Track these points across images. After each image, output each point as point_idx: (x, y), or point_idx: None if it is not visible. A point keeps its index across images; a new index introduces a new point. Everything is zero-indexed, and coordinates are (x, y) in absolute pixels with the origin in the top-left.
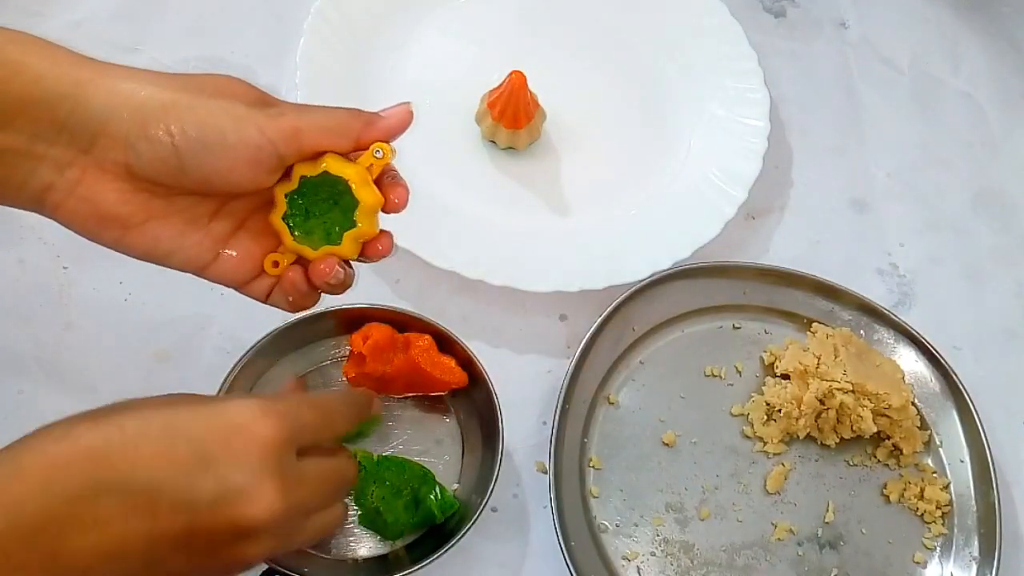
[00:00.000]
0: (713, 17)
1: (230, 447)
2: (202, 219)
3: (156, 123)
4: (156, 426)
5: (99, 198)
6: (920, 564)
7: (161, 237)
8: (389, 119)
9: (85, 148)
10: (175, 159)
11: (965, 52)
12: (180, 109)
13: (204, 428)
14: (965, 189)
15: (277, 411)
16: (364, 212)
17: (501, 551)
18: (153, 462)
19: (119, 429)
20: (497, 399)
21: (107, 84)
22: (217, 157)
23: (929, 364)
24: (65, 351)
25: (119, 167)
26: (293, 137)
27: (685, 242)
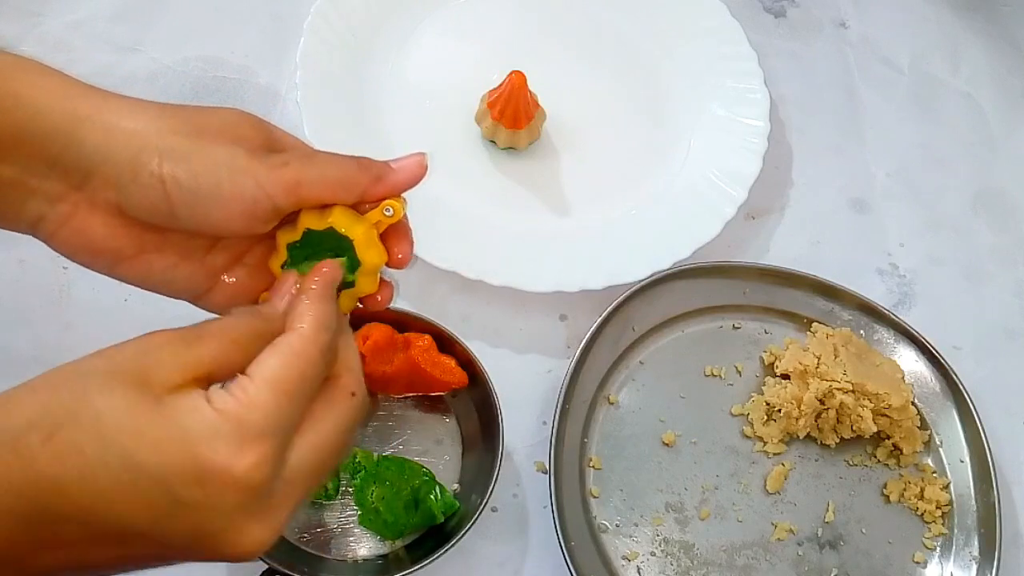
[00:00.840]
0: (713, 17)
1: (204, 489)
2: (197, 252)
3: (148, 170)
4: (116, 457)
5: (90, 232)
6: (920, 564)
7: (154, 268)
8: (400, 173)
9: (77, 185)
10: (166, 206)
11: (965, 52)
12: (175, 156)
13: (170, 468)
14: (965, 189)
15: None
16: (365, 272)
17: (501, 551)
18: (117, 501)
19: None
20: (497, 399)
21: (104, 122)
22: (209, 208)
23: (929, 364)
24: (65, 352)
25: (110, 206)
26: (293, 191)
27: (685, 242)
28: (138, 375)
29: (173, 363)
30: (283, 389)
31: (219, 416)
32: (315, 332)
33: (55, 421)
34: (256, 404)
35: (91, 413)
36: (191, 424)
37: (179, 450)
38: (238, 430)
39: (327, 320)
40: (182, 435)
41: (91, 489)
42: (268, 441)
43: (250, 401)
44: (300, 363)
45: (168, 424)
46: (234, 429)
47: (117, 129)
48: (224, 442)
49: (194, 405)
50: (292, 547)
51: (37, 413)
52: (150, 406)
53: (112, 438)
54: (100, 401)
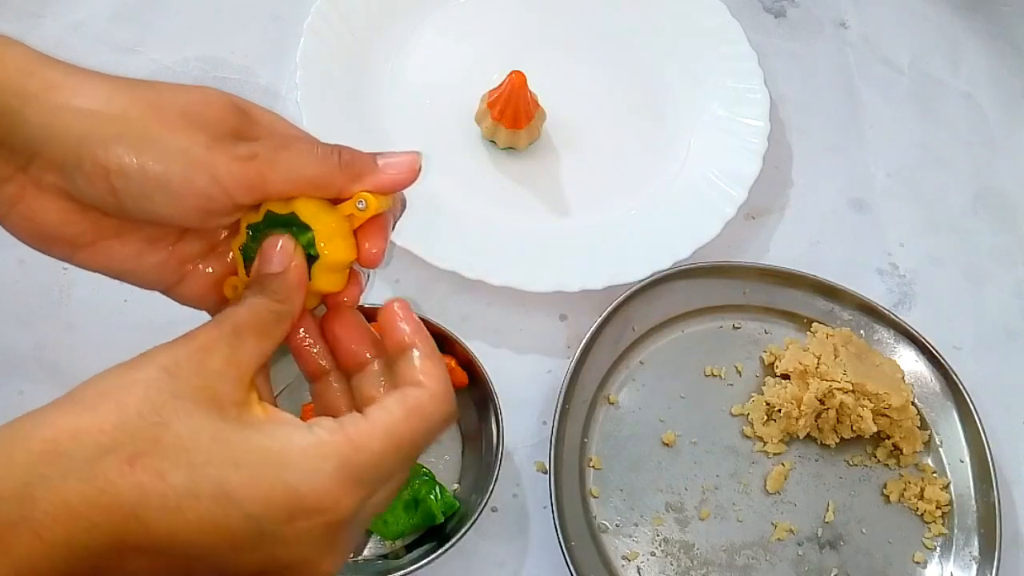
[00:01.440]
0: (713, 17)
1: (294, 526)
2: (165, 239)
3: (94, 158)
4: (207, 488)
5: (40, 217)
6: (920, 564)
7: (116, 257)
8: (385, 173)
9: (22, 166)
10: (113, 198)
11: (965, 52)
12: (124, 143)
13: (265, 501)
14: (965, 189)
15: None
16: (324, 268)
17: (501, 551)
18: (198, 531)
19: (160, 479)
20: (497, 399)
21: (52, 102)
22: (158, 203)
23: (929, 364)
24: (66, 352)
25: (58, 190)
26: (256, 187)
27: (685, 242)
28: (207, 392)
29: (233, 374)
30: (398, 446)
31: (324, 447)
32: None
33: (134, 447)
34: (366, 446)
35: (173, 440)
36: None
37: (277, 482)
38: (343, 470)
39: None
40: (282, 465)
41: (174, 521)
42: (369, 486)
43: (361, 442)
44: (422, 426)
45: (265, 453)
46: (338, 467)
47: (65, 109)
48: (324, 480)
49: (295, 433)
50: None
51: (111, 438)
52: (237, 431)
53: (203, 468)
54: (181, 426)
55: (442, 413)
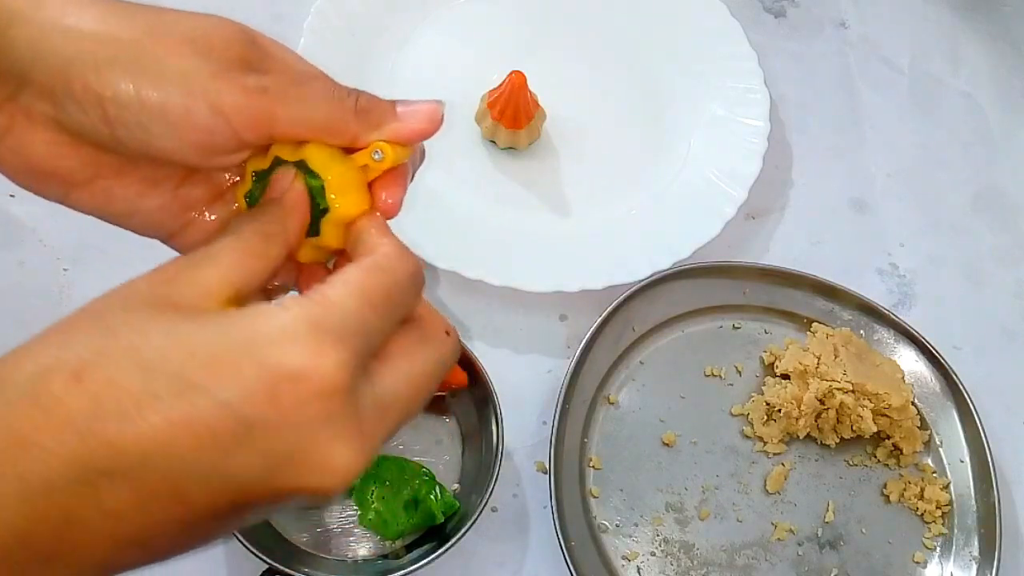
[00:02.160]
0: (713, 17)
1: (277, 403)
2: (168, 181)
3: (85, 83)
4: (165, 383)
5: (30, 151)
6: (920, 564)
7: (115, 198)
8: (404, 123)
9: (11, 95)
10: (107, 128)
11: (965, 52)
12: (119, 66)
13: (235, 381)
14: (965, 189)
15: (334, 334)
16: (334, 221)
17: (501, 551)
18: (173, 439)
19: (110, 385)
20: (497, 399)
21: (40, 19)
22: (156, 135)
23: (929, 364)
24: None
25: (49, 120)
26: (263, 123)
27: (685, 242)
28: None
29: (196, 287)
30: (367, 298)
31: (290, 316)
32: (400, 251)
33: (80, 360)
34: (336, 305)
35: (123, 344)
36: (256, 327)
37: (244, 360)
38: (314, 330)
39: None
40: (246, 342)
41: (139, 430)
42: (350, 342)
43: (328, 302)
44: (386, 278)
45: (226, 334)
46: (309, 329)
47: (54, 29)
48: (298, 344)
49: (256, 310)
50: (292, 547)
51: (54, 356)
52: (194, 324)
53: (158, 365)
54: (129, 332)
55: (404, 266)
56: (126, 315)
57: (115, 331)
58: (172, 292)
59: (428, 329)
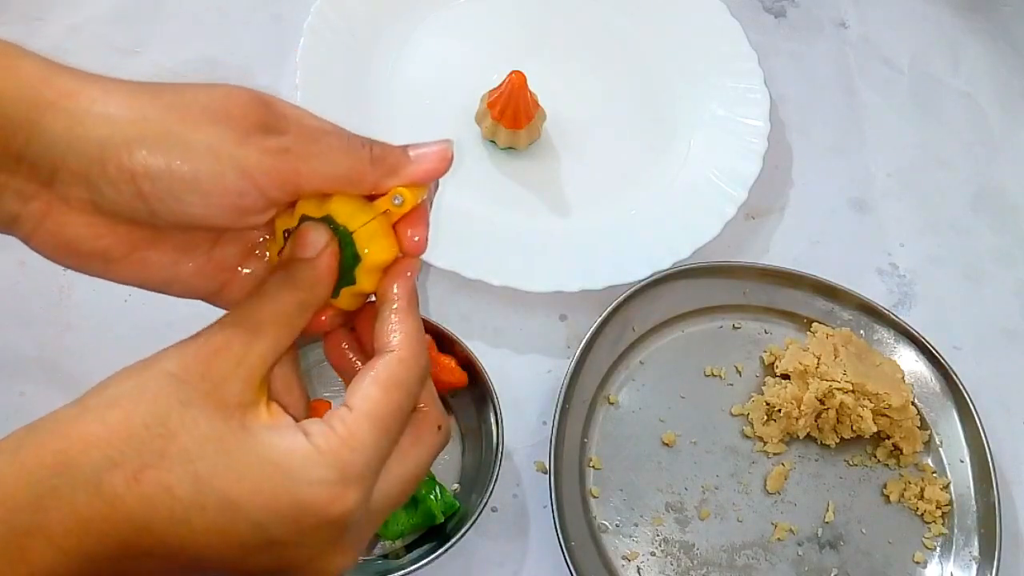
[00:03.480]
0: (713, 17)
1: (300, 530)
2: (201, 246)
3: (119, 163)
4: (213, 500)
5: (69, 232)
6: (920, 564)
7: (152, 268)
8: (418, 165)
9: (46, 181)
10: (141, 203)
11: (965, 52)
12: (147, 144)
13: (269, 508)
14: (965, 189)
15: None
16: (367, 269)
17: (501, 551)
18: (209, 542)
19: (166, 493)
20: (497, 399)
21: (70, 109)
22: (189, 204)
23: (929, 364)
24: (66, 353)
25: (84, 203)
26: (289, 183)
27: (685, 242)
28: (213, 396)
29: (242, 375)
30: (384, 425)
31: (321, 456)
32: (415, 356)
33: (140, 460)
34: (358, 443)
35: (179, 451)
36: (292, 464)
37: (282, 494)
38: (341, 473)
39: (421, 339)
40: (284, 478)
41: (182, 531)
42: (367, 482)
43: (352, 439)
44: (400, 395)
45: (268, 465)
46: (337, 472)
47: (84, 116)
48: (327, 485)
49: (293, 442)
50: None
51: (118, 451)
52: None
53: (207, 480)
54: (186, 436)
55: (416, 374)
56: (182, 412)
57: (172, 432)
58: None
59: (423, 428)
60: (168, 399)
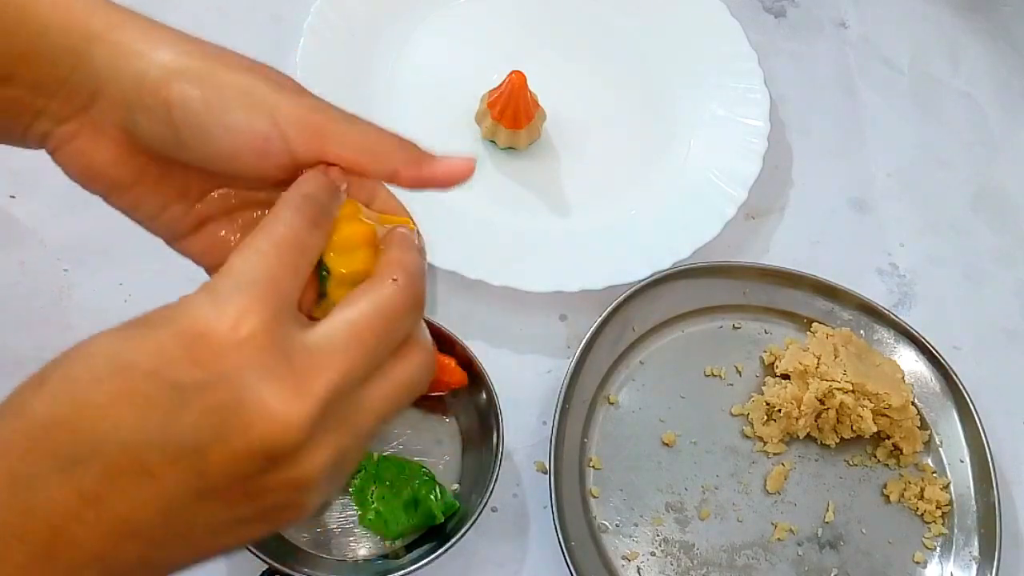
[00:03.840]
0: (713, 17)
1: (199, 363)
2: (193, 194)
3: (155, 92)
4: (102, 365)
5: (92, 156)
6: (920, 564)
7: (146, 203)
8: (441, 165)
9: (84, 106)
10: (172, 133)
11: (965, 52)
12: (187, 78)
13: (156, 351)
14: (965, 189)
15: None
16: (338, 284)
17: (501, 551)
18: (116, 413)
19: (66, 380)
20: (497, 399)
21: (115, 40)
22: (217, 139)
23: (929, 364)
24: None
25: (116, 130)
26: (314, 137)
27: (685, 242)
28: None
29: None
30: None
31: (199, 292)
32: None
33: (45, 373)
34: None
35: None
36: (173, 308)
37: (162, 332)
38: (213, 291)
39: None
40: (164, 319)
41: (90, 413)
42: (254, 289)
43: (228, 269)
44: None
45: (151, 317)
46: (212, 292)
47: (128, 48)
48: (204, 306)
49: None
50: (292, 547)
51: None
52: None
53: (98, 353)
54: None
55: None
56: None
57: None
58: None
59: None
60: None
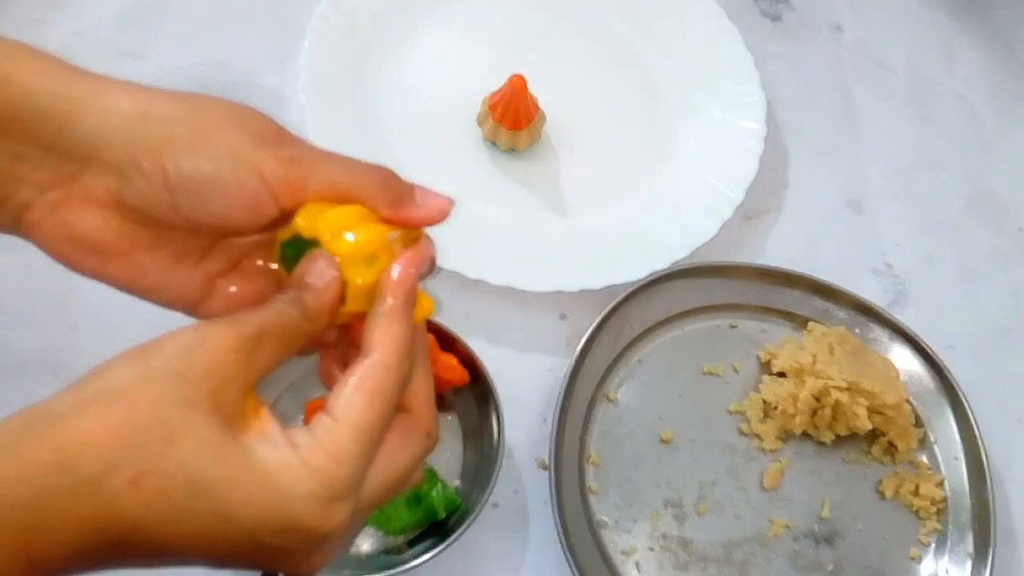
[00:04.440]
0: (710, 20)
1: (287, 538)
2: (193, 254)
3: (151, 156)
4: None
5: (78, 222)
6: (915, 560)
7: (148, 270)
8: (420, 210)
9: (73, 172)
10: (167, 196)
11: (960, 54)
12: (179, 144)
13: (260, 519)
14: (959, 190)
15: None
16: (354, 294)
17: (502, 546)
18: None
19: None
20: (498, 397)
21: (102, 104)
22: (210, 200)
23: (924, 362)
24: (71, 352)
25: (108, 195)
26: (298, 191)
27: (683, 243)
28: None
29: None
30: (369, 436)
31: (310, 473)
32: (399, 362)
33: (138, 464)
34: (345, 458)
35: (177, 455)
36: (283, 479)
37: (272, 505)
38: (330, 489)
39: (407, 344)
40: (275, 491)
41: (175, 532)
42: (354, 495)
43: (339, 453)
44: (384, 403)
45: (259, 476)
46: (326, 488)
47: (116, 111)
48: (317, 501)
49: (283, 456)
50: None
51: (116, 454)
52: (235, 449)
53: (204, 487)
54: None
55: (398, 379)
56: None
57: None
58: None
59: (411, 432)
60: (170, 399)
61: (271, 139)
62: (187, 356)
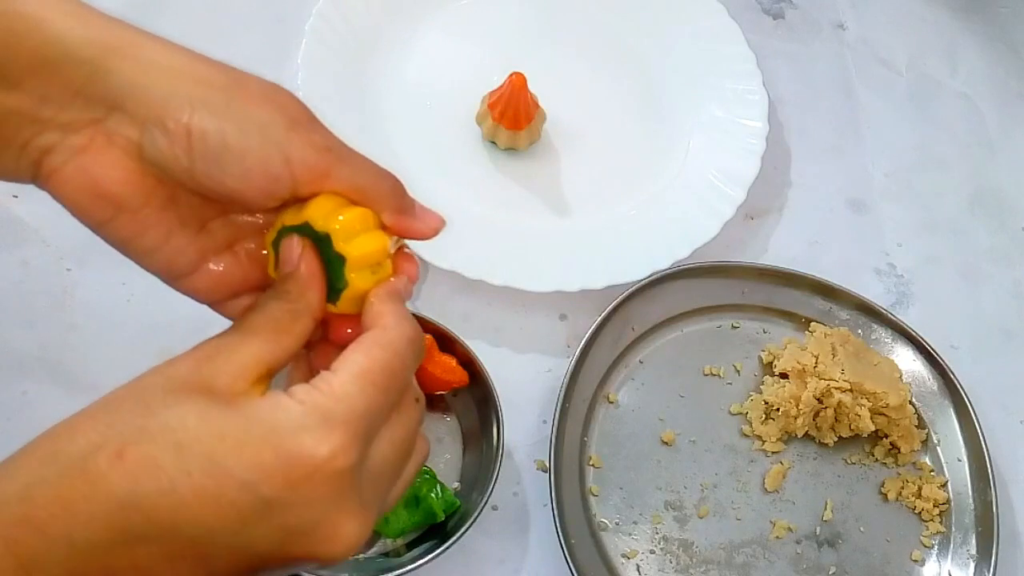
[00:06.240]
0: (712, 19)
1: (292, 485)
2: (195, 223)
3: (177, 117)
4: (196, 463)
5: (98, 171)
6: (918, 562)
7: (150, 229)
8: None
9: (98, 118)
10: (187, 158)
11: (963, 53)
12: (210, 108)
13: (255, 465)
14: (962, 189)
15: (340, 422)
16: (356, 267)
17: (501, 548)
18: (201, 511)
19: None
20: (497, 398)
21: (137, 55)
22: (228, 171)
23: (926, 363)
24: (68, 352)
25: (131, 144)
26: (320, 180)
27: (684, 242)
28: (200, 385)
29: (231, 369)
30: (369, 379)
31: (303, 408)
32: (397, 323)
33: (122, 439)
34: (341, 394)
35: (160, 425)
36: (275, 419)
37: (264, 447)
38: (323, 419)
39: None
40: (266, 432)
41: (171, 502)
42: (352, 426)
43: (334, 392)
44: (386, 355)
45: (250, 423)
46: (319, 419)
47: (151, 64)
48: (309, 433)
49: (276, 402)
50: None
51: (100, 434)
52: (224, 410)
53: (191, 445)
54: (168, 413)
55: (403, 338)
56: (165, 396)
57: (154, 411)
58: (208, 375)
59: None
60: (152, 387)
61: (304, 123)
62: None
